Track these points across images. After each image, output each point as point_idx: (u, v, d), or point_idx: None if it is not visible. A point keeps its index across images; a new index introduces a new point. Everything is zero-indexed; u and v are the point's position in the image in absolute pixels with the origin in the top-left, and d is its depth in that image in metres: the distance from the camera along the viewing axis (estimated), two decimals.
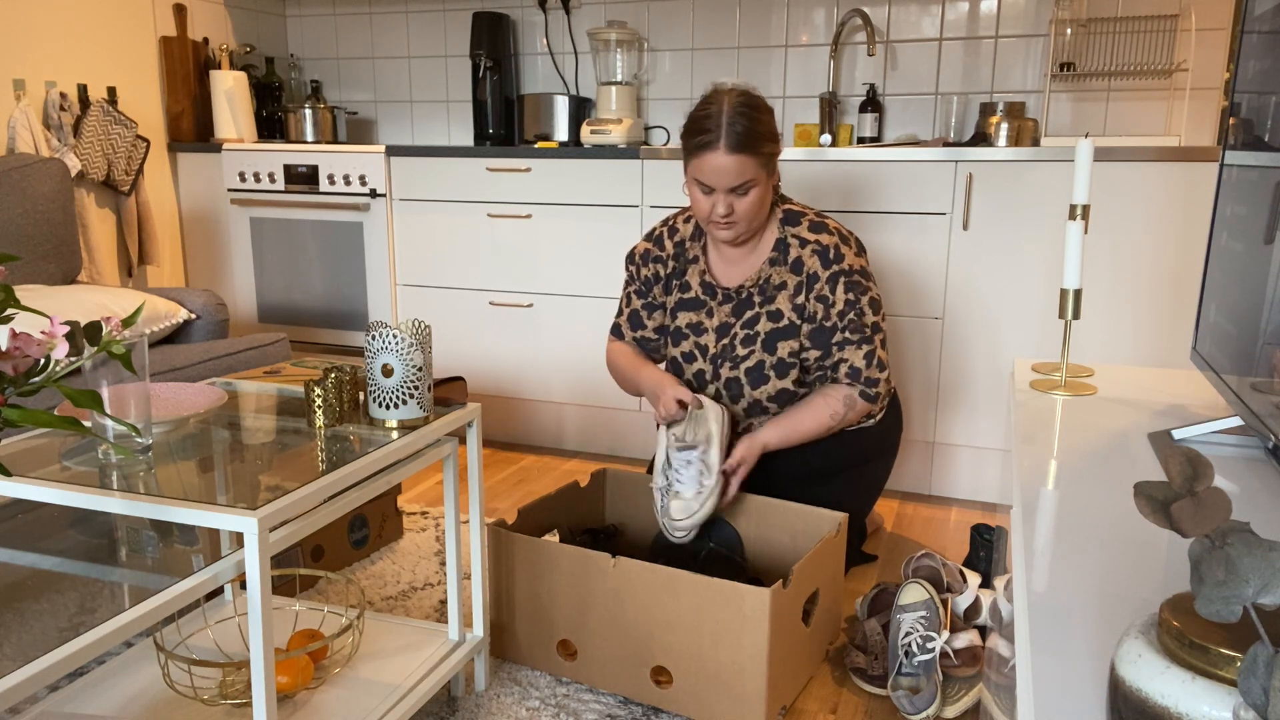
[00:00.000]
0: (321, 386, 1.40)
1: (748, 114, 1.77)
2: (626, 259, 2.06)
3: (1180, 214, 2.26)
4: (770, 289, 1.90)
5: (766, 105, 1.83)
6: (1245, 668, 0.50)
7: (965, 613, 1.75)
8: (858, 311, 1.86)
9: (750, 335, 1.91)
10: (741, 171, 1.77)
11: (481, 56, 3.19)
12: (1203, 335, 1.38)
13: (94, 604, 1.08)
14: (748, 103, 1.79)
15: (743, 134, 1.75)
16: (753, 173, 1.78)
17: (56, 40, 2.87)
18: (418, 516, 2.42)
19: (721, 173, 1.77)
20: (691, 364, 1.98)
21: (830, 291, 1.86)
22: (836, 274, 1.86)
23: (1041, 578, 0.84)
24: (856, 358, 1.87)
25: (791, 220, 1.91)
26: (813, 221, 1.90)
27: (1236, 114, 1.31)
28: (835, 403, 1.88)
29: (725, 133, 1.75)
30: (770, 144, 1.80)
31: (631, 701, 1.63)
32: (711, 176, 1.78)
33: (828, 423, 1.88)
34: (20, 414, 0.94)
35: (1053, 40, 2.69)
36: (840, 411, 1.88)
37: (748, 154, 1.76)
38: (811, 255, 1.87)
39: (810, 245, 1.87)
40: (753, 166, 1.77)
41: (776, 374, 1.90)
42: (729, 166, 1.76)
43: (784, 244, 1.89)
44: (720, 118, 1.76)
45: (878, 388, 1.89)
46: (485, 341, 2.98)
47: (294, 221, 3.11)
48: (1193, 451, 0.62)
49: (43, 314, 1.03)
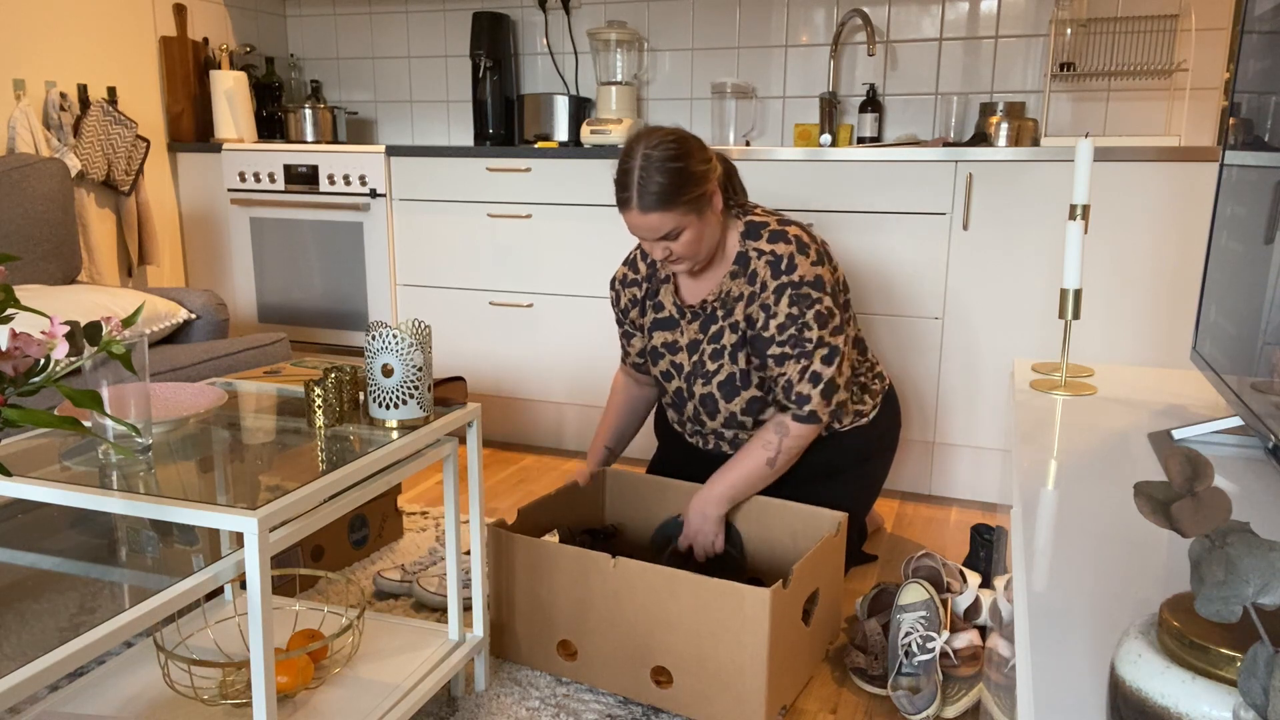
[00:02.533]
0: (321, 386, 1.40)
1: (661, 168, 1.72)
2: (610, 284, 2.08)
3: (1180, 214, 2.26)
4: (730, 301, 1.88)
5: (688, 149, 1.76)
6: (1245, 668, 0.50)
7: (965, 613, 1.75)
8: (799, 326, 1.81)
9: (718, 349, 1.90)
10: (660, 225, 1.75)
11: (481, 56, 3.19)
12: (1203, 335, 1.38)
13: (94, 604, 1.08)
14: (665, 156, 1.73)
15: (656, 193, 1.72)
16: (674, 223, 1.75)
17: (56, 40, 2.87)
18: (418, 516, 2.42)
19: (643, 228, 1.77)
20: (670, 382, 1.99)
21: (775, 303, 1.82)
22: (784, 285, 1.81)
23: (1041, 578, 0.84)
24: (793, 372, 1.82)
25: (752, 233, 1.87)
26: (773, 232, 1.86)
27: (1236, 114, 1.31)
28: (767, 433, 1.84)
29: (638, 193, 1.73)
30: (694, 188, 1.75)
31: (631, 701, 1.63)
32: (635, 231, 1.79)
33: (764, 456, 1.83)
34: (20, 414, 0.94)
35: (1053, 40, 2.69)
36: (773, 440, 1.83)
37: (663, 210, 1.74)
38: (765, 265, 1.83)
39: (765, 256, 1.84)
40: (673, 219, 1.75)
41: (744, 384, 1.89)
42: (648, 224, 1.76)
43: (744, 257, 1.87)
44: (634, 175, 1.74)
45: (809, 406, 1.82)
46: (485, 341, 2.98)
47: (294, 221, 3.11)
48: (1193, 451, 0.62)
49: (43, 314, 1.03)
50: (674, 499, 1.96)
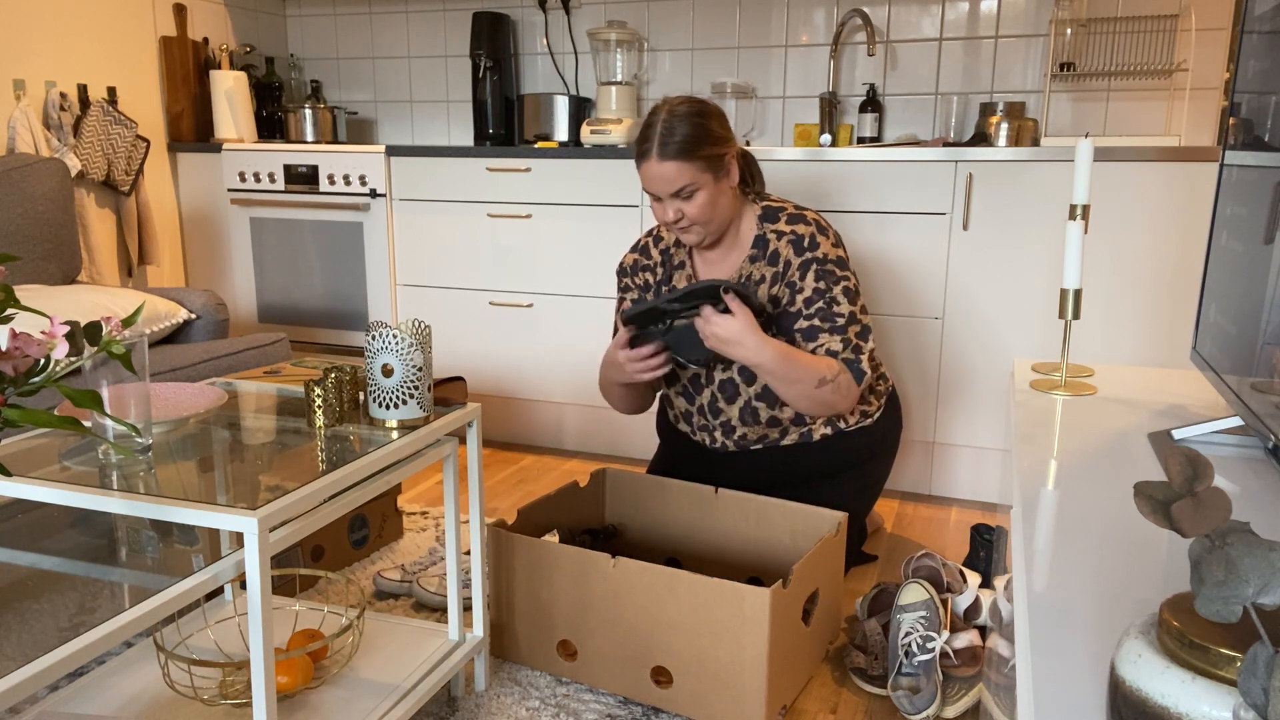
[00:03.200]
0: (321, 386, 1.40)
1: (686, 120, 1.78)
2: (617, 272, 2.08)
3: (1180, 214, 2.26)
4: (752, 285, 1.90)
5: (713, 110, 1.83)
6: (1245, 668, 0.50)
7: (965, 613, 1.75)
8: (828, 300, 1.83)
9: None
10: (678, 177, 1.78)
11: (481, 56, 3.19)
12: (1203, 335, 1.38)
13: (94, 604, 1.08)
14: (689, 110, 1.79)
15: (679, 141, 1.76)
16: (690, 177, 1.78)
17: (56, 40, 2.87)
18: (418, 516, 2.42)
19: (657, 180, 1.80)
20: (687, 369, 1.99)
21: (800, 278, 1.85)
22: (809, 261, 1.84)
23: (1041, 578, 0.84)
24: (833, 343, 1.82)
25: (769, 216, 1.91)
26: (790, 214, 1.90)
27: (1236, 114, 1.31)
28: (832, 365, 1.81)
29: (659, 141, 1.78)
30: (713, 146, 1.79)
31: (631, 701, 1.63)
32: (651, 184, 1.82)
33: (824, 372, 1.78)
34: (20, 414, 0.94)
35: (1053, 40, 2.69)
36: (836, 368, 1.80)
37: (682, 160, 1.77)
38: (787, 245, 1.87)
39: (786, 236, 1.88)
40: (690, 171, 1.78)
41: None
42: (663, 173, 1.78)
43: (763, 240, 1.90)
44: (657, 126, 1.79)
45: (859, 366, 1.83)
46: (485, 341, 2.98)
47: (294, 221, 3.11)
48: (1193, 451, 0.62)
49: (43, 314, 1.03)
50: (674, 499, 1.96)
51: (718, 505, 1.91)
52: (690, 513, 1.94)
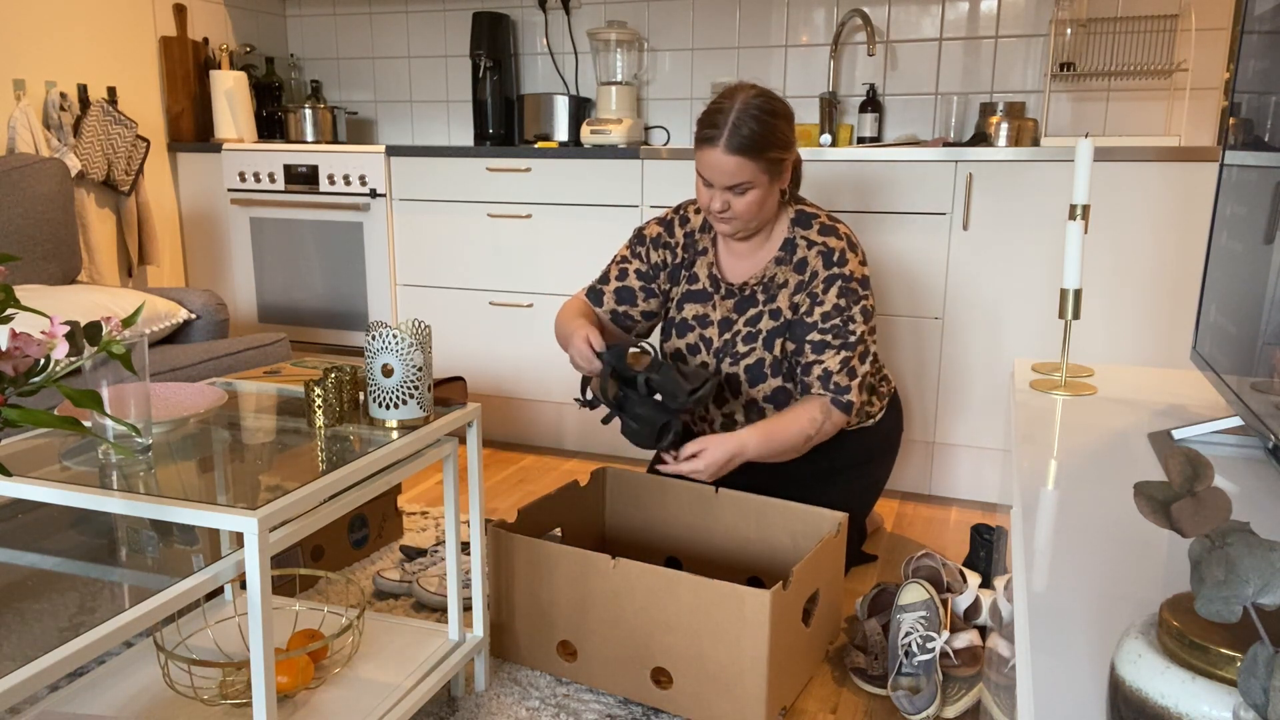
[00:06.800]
0: (321, 386, 1.40)
1: (759, 118, 1.75)
2: (634, 234, 2.03)
3: (1180, 214, 2.26)
4: (774, 287, 1.90)
5: (785, 110, 1.80)
6: (1245, 668, 0.50)
7: (965, 613, 1.75)
8: (845, 318, 1.83)
9: (752, 333, 1.91)
10: (738, 173, 1.76)
11: (481, 56, 3.19)
12: (1203, 335, 1.38)
13: (94, 604, 1.08)
14: (763, 106, 1.76)
15: (748, 137, 1.74)
16: (750, 175, 1.77)
17: (56, 40, 2.87)
18: (418, 516, 2.42)
19: (718, 171, 1.77)
20: (695, 356, 1.98)
21: (823, 292, 1.84)
22: (834, 276, 1.84)
23: (1041, 578, 0.84)
24: (833, 362, 1.83)
25: (803, 222, 1.90)
26: (824, 225, 1.89)
27: (1236, 114, 1.31)
28: (814, 409, 1.82)
29: (729, 132, 1.74)
30: (777, 150, 1.78)
31: (631, 702, 1.63)
32: (709, 172, 1.79)
33: (807, 429, 1.81)
34: (20, 414, 0.94)
35: (1053, 40, 2.69)
36: (818, 418, 1.82)
37: (747, 157, 1.75)
38: (816, 256, 1.86)
39: (817, 247, 1.86)
40: (751, 170, 1.76)
41: (773, 373, 1.90)
42: (726, 166, 1.76)
43: (792, 244, 1.89)
44: (729, 115, 1.75)
45: (848, 396, 1.83)
46: (485, 341, 2.98)
47: (294, 221, 3.11)
48: (1193, 451, 0.62)
49: (43, 314, 1.03)
50: (674, 499, 1.96)
51: (718, 505, 1.91)
52: (690, 513, 1.94)
